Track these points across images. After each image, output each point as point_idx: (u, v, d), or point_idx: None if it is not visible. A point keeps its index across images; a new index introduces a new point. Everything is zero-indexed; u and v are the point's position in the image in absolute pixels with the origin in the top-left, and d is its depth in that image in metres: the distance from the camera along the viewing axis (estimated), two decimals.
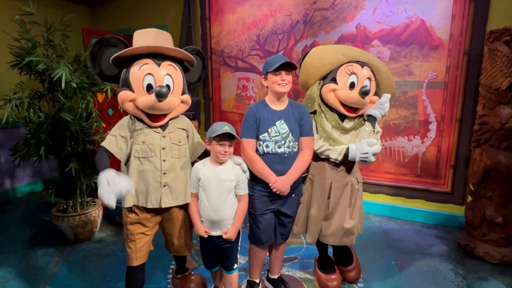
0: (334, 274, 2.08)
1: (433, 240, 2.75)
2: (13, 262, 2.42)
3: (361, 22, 3.10)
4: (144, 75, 1.57)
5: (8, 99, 2.30)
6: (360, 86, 1.77)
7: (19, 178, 3.82)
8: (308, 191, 1.95)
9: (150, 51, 1.59)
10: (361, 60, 1.82)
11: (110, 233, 2.86)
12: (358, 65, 1.81)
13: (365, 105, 1.82)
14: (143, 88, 1.57)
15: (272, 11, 3.48)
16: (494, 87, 2.33)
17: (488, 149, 2.40)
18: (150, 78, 1.57)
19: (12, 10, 2.67)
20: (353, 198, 1.91)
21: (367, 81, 1.80)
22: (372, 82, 1.82)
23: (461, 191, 2.93)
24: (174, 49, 1.62)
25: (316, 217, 1.92)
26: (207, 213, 1.66)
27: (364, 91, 1.71)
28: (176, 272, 2.06)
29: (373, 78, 1.84)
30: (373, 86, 1.83)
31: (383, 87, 1.92)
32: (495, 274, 2.26)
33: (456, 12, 2.77)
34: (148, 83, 1.57)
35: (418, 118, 3.03)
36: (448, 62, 2.85)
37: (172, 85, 1.62)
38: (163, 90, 1.49)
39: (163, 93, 1.49)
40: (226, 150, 1.60)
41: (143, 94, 1.58)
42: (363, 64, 1.82)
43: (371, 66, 1.83)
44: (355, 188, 1.91)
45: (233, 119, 3.89)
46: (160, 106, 1.55)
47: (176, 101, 1.63)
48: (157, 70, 1.58)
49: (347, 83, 1.80)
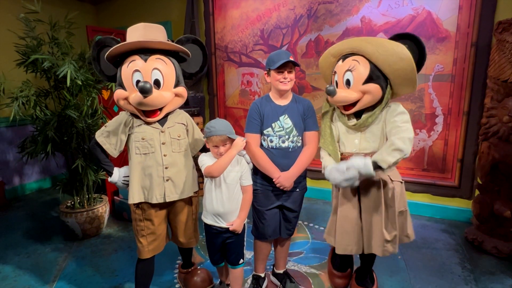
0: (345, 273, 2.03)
1: (440, 235, 2.73)
2: (23, 257, 2.47)
3: (366, 15, 3.06)
4: (132, 72, 1.56)
5: (15, 97, 2.33)
6: (340, 82, 1.64)
7: (27, 175, 3.88)
8: (337, 197, 1.79)
9: (134, 47, 1.56)
10: (346, 53, 1.65)
11: (117, 229, 2.90)
12: (341, 60, 1.66)
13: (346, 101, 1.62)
14: (133, 85, 1.56)
15: (276, 5, 3.45)
16: (502, 79, 2.29)
17: (496, 142, 2.36)
18: (138, 75, 1.56)
19: (17, 8, 2.69)
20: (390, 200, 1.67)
21: (348, 74, 1.61)
22: (355, 72, 1.59)
23: (469, 185, 2.90)
24: (158, 42, 1.56)
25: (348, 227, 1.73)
26: (213, 206, 1.67)
27: (328, 91, 1.58)
28: (182, 266, 2.08)
29: (355, 67, 1.59)
30: (357, 75, 1.59)
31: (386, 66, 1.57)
32: (503, 269, 2.23)
33: (463, 3, 2.71)
34: (137, 80, 1.56)
35: (425, 112, 2.99)
36: (455, 54, 2.81)
37: (161, 79, 1.59)
38: (146, 86, 1.46)
39: (146, 88, 1.46)
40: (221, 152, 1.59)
41: (133, 91, 1.56)
42: (347, 56, 1.64)
43: (358, 52, 1.61)
44: (389, 187, 1.67)
45: (237, 115, 3.89)
46: (147, 102, 1.52)
47: (166, 95, 1.60)
48: (144, 65, 1.55)
49: (334, 84, 1.69)
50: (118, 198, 3.09)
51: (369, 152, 1.66)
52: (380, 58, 1.56)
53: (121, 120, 1.65)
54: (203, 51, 1.79)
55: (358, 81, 1.60)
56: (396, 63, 1.54)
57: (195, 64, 1.79)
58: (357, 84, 1.60)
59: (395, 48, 1.53)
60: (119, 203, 3.08)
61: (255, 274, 2.03)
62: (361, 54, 1.60)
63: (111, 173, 1.72)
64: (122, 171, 1.74)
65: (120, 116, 1.67)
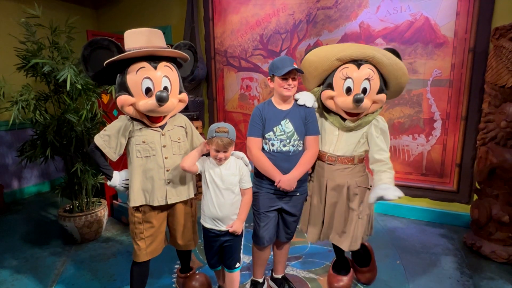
0: (345, 277, 2.04)
1: (439, 239, 2.74)
2: (21, 261, 2.46)
3: (364, 20, 3.09)
4: (142, 79, 1.56)
5: (15, 101, 2.34)
6: (357, 90, 1.67)
7: (26, 179, 3.87)
8: (310, 190, 1.95)
9: (147, 54, 1.57)
10: (359, 59, 1.69)
11: (116, 233, 2.89)
12: (354, 65, 1.68)
13: (365, 109, 1.70)
14: (142, 92, 1.57)
15: (275, 10, 3.48)
16: (499, 84, 2.30)
17: (494, 147, 2.38)
18: (148, 82, 1.57)
19: (18, 13, 2.71)
20: (352, 203, 1.81)
21: (366, 82, 1.66)
22: (372, 82, 1.67)
23: (467, 190, 2.90)
24: (170, 51, 1.62)
25: (313, 217, 1.91)
26: (211, 209, 1.67)
27: (357, 99, 1.62)
28: (180, 271, 2.07)
29: (373, 77, 1.67)
30: (374, 85, 1.69)
31: (392, 79, 1.73)
32: (502, 273, 2.23)
33: (461, 9, 2.74)
34: (147, 87, 1.57)
35: (423, 117, 3.01)
36: (453, 60, 2.83)
37: (170, 86, 1.63)
38: (164, 95, 1.50)
39: (164, 97, 1.50)
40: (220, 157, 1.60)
41: (142, 98, 1.57)
42: (361, 63, 1.69)
43: (372, 61, 1.68)
44: (352, 192, 1.81)
45: (237, 119, 3.90)
46: (161, 110, 1.57)
47: (175, 102, 1.65)
48: (154, 73, 1.57)
49: (343, 88, 1.71)
50: (117, 202, 3.09)
51: (341, 155, 1.81)
52: (392, 71, 1.70)
53: (121, 124, 1.65)
54: (195, 56, 1.87)
55: (374, 91, 1.69)
56: (400, 77, 1.73)
57: (188, 68, 1.87)
58: (373, 93, 1.69)
59: (401, 63, 1.71)
60: (118, 207, 3.07)
61: (253, 279, 2.03)
62: (374, 63, 1.68)
63: (110, 177, 1.73)
64: (122, 174, 1.75)
65: (119, 120, 1.68)
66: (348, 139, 1.80)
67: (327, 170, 1.85)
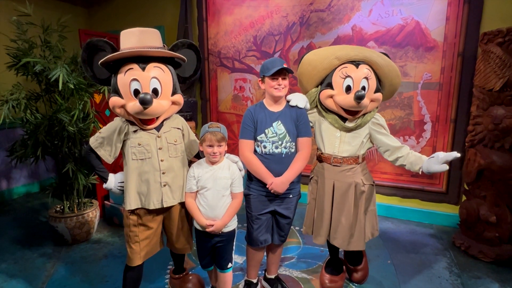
0: (337, 277, 2.06)
1: (428, 239, 2.79)
2: (10, 263, 2.42)
3: (357, 23, 3.13)
4: (130, 81, 1.53)
5: (5, 100, 2.31)
6: (356, 88, 1.73)
7: (15, 179, 3.80)
8: (314, 193, 1.95)
9: (132, 55, 1.52)
10: (357, 59, 1.76)
11: (107, 234, 2.86)
12: (353, 65, 1.75)
13: (365, 107, 1.77)
14: (130, 94, 1.54)
15: (268, 12, 3.50)
16: (487, 88, 2.36)
17: (482, 149, 2.43)
18: (136, 84, 1.53)
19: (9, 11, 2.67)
20: (360, 200, 1.86)
21: (364, 81, 1.74)
22: (371, 81, 1.75)
23: (456, 191, 2.97)
24: (157, 51, 1.55)
25: (321, 219, 1.92)
26: (204, 212, 1.67)
27: (358, 95, 1.67)
28: (174, 272, 2.07)
29: (371, 76, 1.76)
30: (372, 84, 1.76)
31: (387, 81, 1.82)
32: (489, 273, 2.29)
33: (450, 14, 2.80)
34: (135, 89, 1.53)
35: (414, 119, 3.06)
36: (442, 63, 2.89)
37: (159, 88, 1.58)
38: (147, 97, 1.46)
39: (147, 100, 1.47)
40: (215, 151, 1.61)
41: (131, 99, 1.54)
42: (359, 63, 1.75)
43: (369, 62, 1.76)
44: (359, 190, 1.85)
45: (230, 120, 3.91)
46: (146, 112, 1.53)
47: (164, 104, 1.60)
48: (142, 74, 1.53)
49: (343, 87, 1.76)
50: (108, 202, 3.06)
51: (346, 156, 1.85)
52: (387, 72, 1.80)
53: (116, 126, 1.64)
54: (198, 55, 1.79)
55: (371, 89, 1.77)
56: (394, 79, 1.83)
57: (190, 68, 1.79)
58: (370, 92, 1.77)
59: (395, 65, 1.82)
60: (109, 207, 3.05)
61: (247, 280, 2.04)
62: (370, 64, 1.76)
63: (106, 180, 1.71)
64: (117, 177, 1.73)
65: (114, 122, 1.66)
66: (352, 140, 1.84)
67: (334, 172, 1.87)
